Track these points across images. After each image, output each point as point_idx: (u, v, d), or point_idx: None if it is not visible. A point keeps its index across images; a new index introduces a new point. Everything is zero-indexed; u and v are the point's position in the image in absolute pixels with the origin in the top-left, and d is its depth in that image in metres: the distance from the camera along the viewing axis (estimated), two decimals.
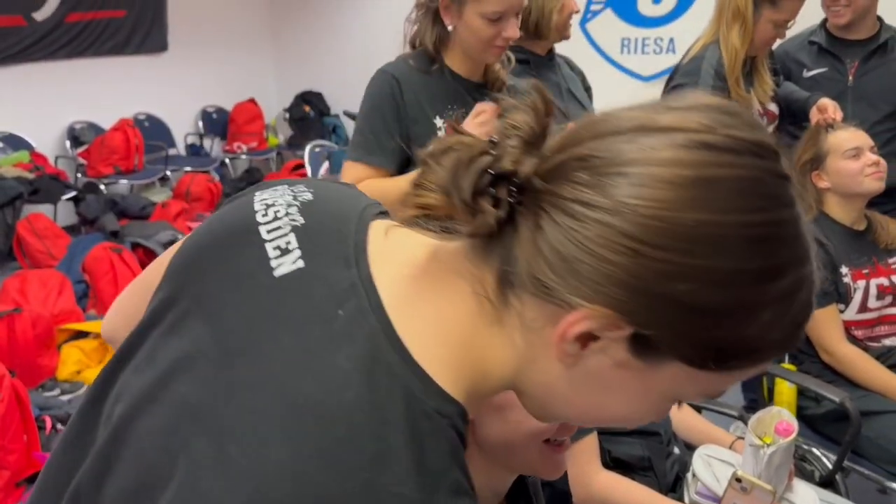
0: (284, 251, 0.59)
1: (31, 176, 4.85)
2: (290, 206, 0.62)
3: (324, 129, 6.59)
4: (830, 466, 1.88)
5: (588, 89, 2.30)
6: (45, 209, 4.87)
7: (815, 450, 1.95)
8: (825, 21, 2.47)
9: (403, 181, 1.65)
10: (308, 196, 0.63)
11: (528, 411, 0.60)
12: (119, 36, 5.72)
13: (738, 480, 1.37)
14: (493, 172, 0.52)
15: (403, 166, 1.72)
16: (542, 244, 0.50)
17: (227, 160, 6.41)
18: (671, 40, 5.40)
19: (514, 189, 0.52)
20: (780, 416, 1.49)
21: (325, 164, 4.28)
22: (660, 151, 0.49)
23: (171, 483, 0.54)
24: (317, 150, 4.46)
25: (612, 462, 1.45)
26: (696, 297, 0.48)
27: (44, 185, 4.86)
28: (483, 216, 0.52)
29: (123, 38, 5.76)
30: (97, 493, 0.60)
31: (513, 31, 1.62)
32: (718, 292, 0.48)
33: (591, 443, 1.40)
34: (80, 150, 5.41)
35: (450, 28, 1.66)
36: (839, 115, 2.12)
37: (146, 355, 0.62)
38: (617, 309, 0.49)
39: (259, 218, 0.62)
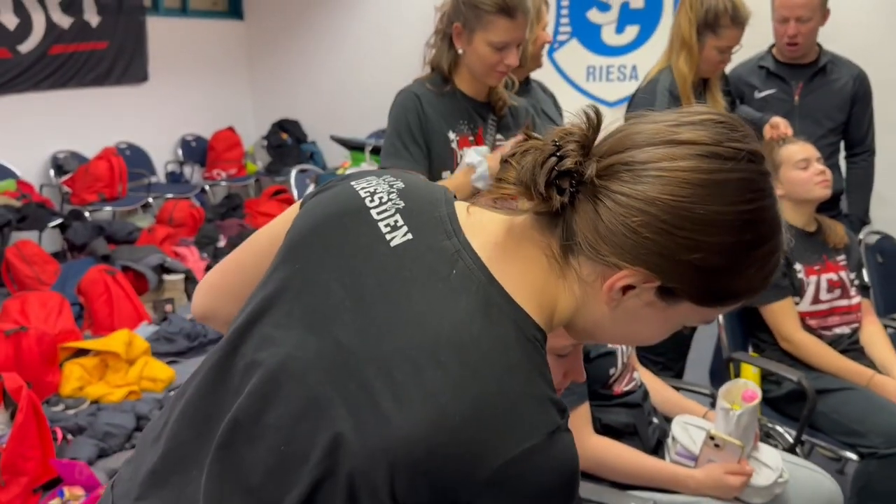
0: (394, 227, 0.79)
1: (18, 204, 4.95)
2: (389, 192, 0.83)
3: (301, 156, 6.78)
4: (791, 441, 2.12)
5: (559, 108, 2.55)
6: (31, 236, 4.96)
7: (778, 427, 2.19)
8: (772, 47, 2.76)
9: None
10: (401, 184, 0.84)
11: (574, 338, 0.84)
12: (101, 67, 5.86)
13: (712, 438, 1.59)
14: (558, 170, 0.73)
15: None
16: (598, 224, 0.72)
17: (206, 187, 6.54)
18: (634, 68, 5.73)
19: (574, 181, 0.73)
20: (747, 386, 1.72)
21: (311, 187, 4.46)
22: (681, 161, 0.72)
23: (342, 405, 0.72)
24: (302, 173, 4.63)
25: (603, 428, 1.65)
26: (707, 262, 0.71)
27: (31, 213, 4.96)
28: (551, 201, 0.74)
29: (105, 70, 5.90)
30: (257, 422, 0.77)
31: (513, 59, 1.89)
32: (721, 258, 0.72)
33: (584, 411, 1.61)
34: (64, 178, 5.52)
35: (460, 52, 1.91)
36: (789, 131, 2.39)
37: (284, 313, 0.79)
38: (651, 269, 0.72)
39: (367, 203, 0.82)
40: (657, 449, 1.72)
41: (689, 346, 2.72)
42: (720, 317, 2.38)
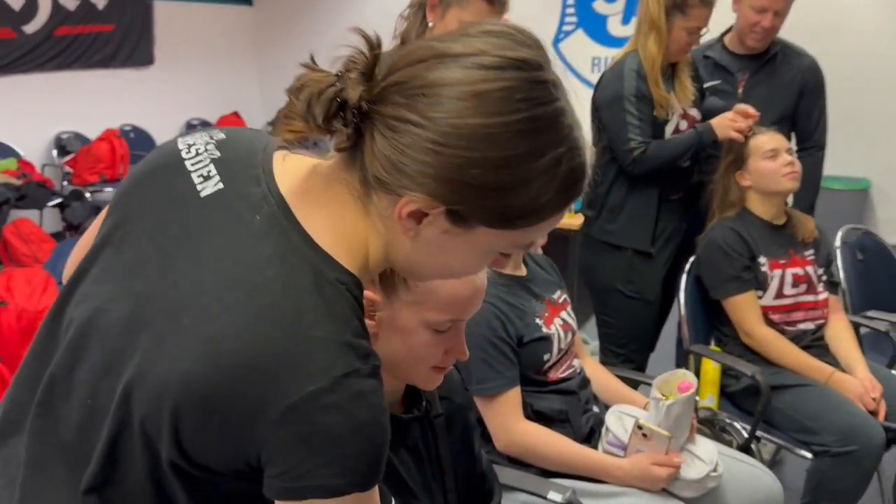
0: (206, 177, 0.78)
1: (18, 182, 5.01)
2: (207, 144, 0.82)
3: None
4: (746, 437, 2.08)
5: None
6: (31, 215, 5.02)
7: (736, 424, 2.15)
8: (723, 36, 2.67)
9: None
10: (222, 136, 0.83)
11: (404, 276, 0.83)
12: (107, 49, 5.91)
13: (640, 428, 1.56)
14: (339, 100, 0.70)
15: None
16: (377, 151, 0.70)
17: None
18: None
19: (356, 112, 0.70)
20: (684, 377, 1.68)
21: None
22: (449, 74, 0.68)
23: (135, 354, 0.72)
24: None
25: (534, 415, 1.63)
26: (484, 179, 0.68)
27: (30, 192, 5.01)
28: (338, 134, 0.71)
29: (111, 52, 5.95)
30: (69, 377, 0.78)
31: None
32: (498, 174, 0.68)
33: (513, 396, 1.59)
34: (67, 158, 5.58)
35: (430, 25, 1.87)
36: (755, 115, 2.33)
37: (102, 269, 0.80)
38: (431, 194, 0.69)
39: (184, 155, 0.81)
40: (590, 438, 1.70)
41: (655, 339, 2.68)
42: (682, 309, 2.35)
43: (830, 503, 1.99)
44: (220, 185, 0.77)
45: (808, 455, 2.03)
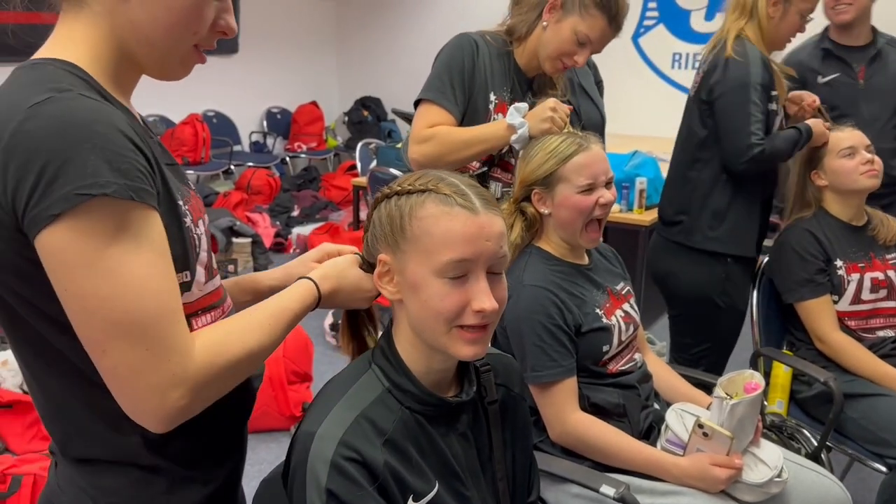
0: None
1: None
2: None
3: (380, 133, 6.87)
4: (816, 445, 2.00)
5: (599, 83, 2.46)
6: None
7: (805, 431, 2.07)
8: (826, 31, 2.62)
9: (468, 133, 1.84)
10: None
11: (146, 60, 0.89)
12: None
13: (701, 427, 1.51)
14: None
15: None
16: None
17: (287, 158, 6.74)
18: None
19: None
20: (752, 377, 1.63)
21: (374, 161, 4.52)
22: None
23: None
24: (368, 146, 4.70)
25: (591, 407, 1.60)
26: None
27: None
28: None
29: None
30: None
31: (582, 59, 1.86)
32: None
33: (569, 385, 1.56)
34: None
35: (544, 24, 1.86)
36: (816, 102, 2.24)
37: None
38: None
39: None
40: (648, 434, 1.66)
41: (733, 346, 2.58)
42: (753, 312, 2.27)
43: None
44: None
45: (883, 468, 1.94)
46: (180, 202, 0.89)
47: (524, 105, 1.80)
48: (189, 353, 0.81)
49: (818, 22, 2.52)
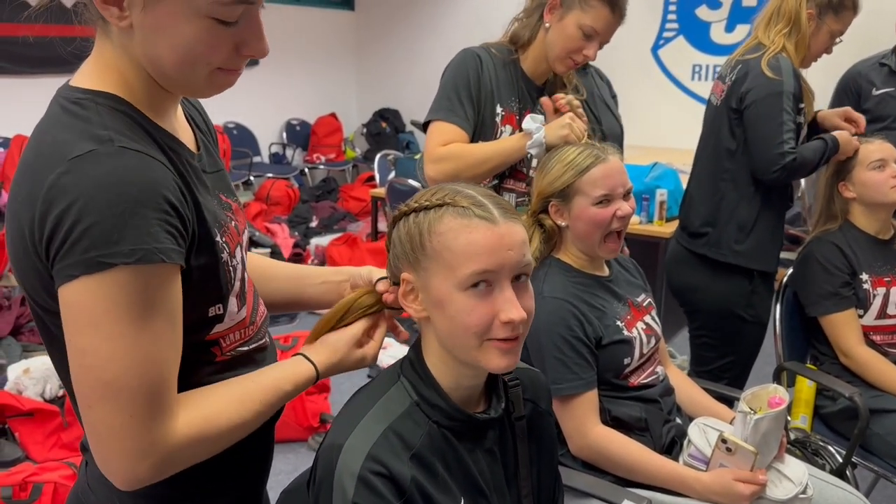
0: None
1: None
2: None
3: (398, 144, 6.89)
4: (841, 461, 1.96)
5: (614, 96, 2.46)
6: None
7: (830, 447, 2.03)
8: (894, 49, 2.76)
9: (484, 148, 1.84)
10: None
11: (162, 80, 0.87)
12: None
13: (724, 441, 1.49)
14: None
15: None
16: None
17: (306, 169, 6.78)
18: None
19: None
20: (776, 392, 1.60)
21: (392, 172, 4.53)
22: None
23: None
24: (386, 157, 4.72)
25: (612, 421, 1.58)
26: None
27: None
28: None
29: None
30: None
31: (592, 52, 1.84)
32: None
33: (590, 398, 1.55)
34: None
35: (546, 25, 1.85)
36: (862, 122, 2.25)
37: None
38: None
39: None
40: (671, 449, 1.64)
41: (753, 361, 2.55)
42: (776, 325, 2.25)
43: None
44: None
45: None
46: (218, 238, 0.89)
47: (540, 116, 1.81)
48: (172, 425, 0.82)
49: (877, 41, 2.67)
